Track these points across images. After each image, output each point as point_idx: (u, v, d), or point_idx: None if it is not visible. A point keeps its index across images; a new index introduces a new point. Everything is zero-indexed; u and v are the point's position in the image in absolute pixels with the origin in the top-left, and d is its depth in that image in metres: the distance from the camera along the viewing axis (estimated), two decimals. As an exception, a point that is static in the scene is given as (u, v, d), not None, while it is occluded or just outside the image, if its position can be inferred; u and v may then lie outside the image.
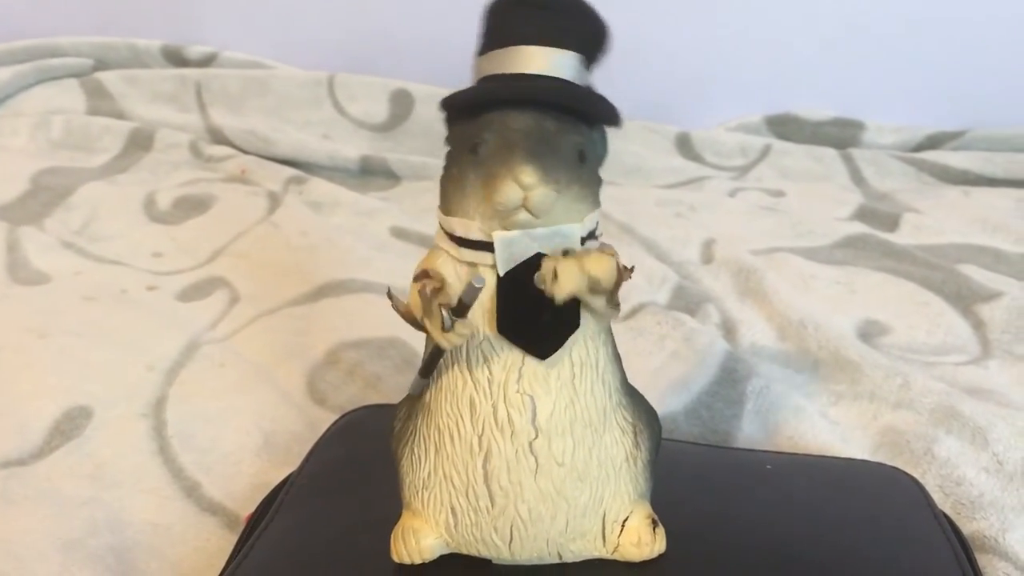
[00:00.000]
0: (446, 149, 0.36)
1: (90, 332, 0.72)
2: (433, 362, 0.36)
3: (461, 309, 0.33)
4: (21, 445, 0.60)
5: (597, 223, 0.36)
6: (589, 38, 0.36)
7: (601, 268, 0.33)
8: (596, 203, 0.36)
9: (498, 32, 0.36)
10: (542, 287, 0.33)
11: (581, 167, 0.34)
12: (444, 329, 0.33)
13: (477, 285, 0.33)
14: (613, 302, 0.35)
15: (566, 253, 0.34)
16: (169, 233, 0.92)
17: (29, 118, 1.15)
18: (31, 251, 0.86)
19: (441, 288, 0.34)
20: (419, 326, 0.34)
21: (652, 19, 1.18)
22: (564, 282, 0.33)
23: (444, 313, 0.33)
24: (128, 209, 0.96)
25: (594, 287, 0.34)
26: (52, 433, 0.61)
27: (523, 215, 0.33)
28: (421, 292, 0.34)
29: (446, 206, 0.35)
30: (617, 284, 0.34)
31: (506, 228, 0.34)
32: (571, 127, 0.34)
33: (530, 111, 0.34)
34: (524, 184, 0.32)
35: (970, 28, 1.18)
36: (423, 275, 0.35)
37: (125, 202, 0.98)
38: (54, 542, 0.51)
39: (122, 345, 0.70)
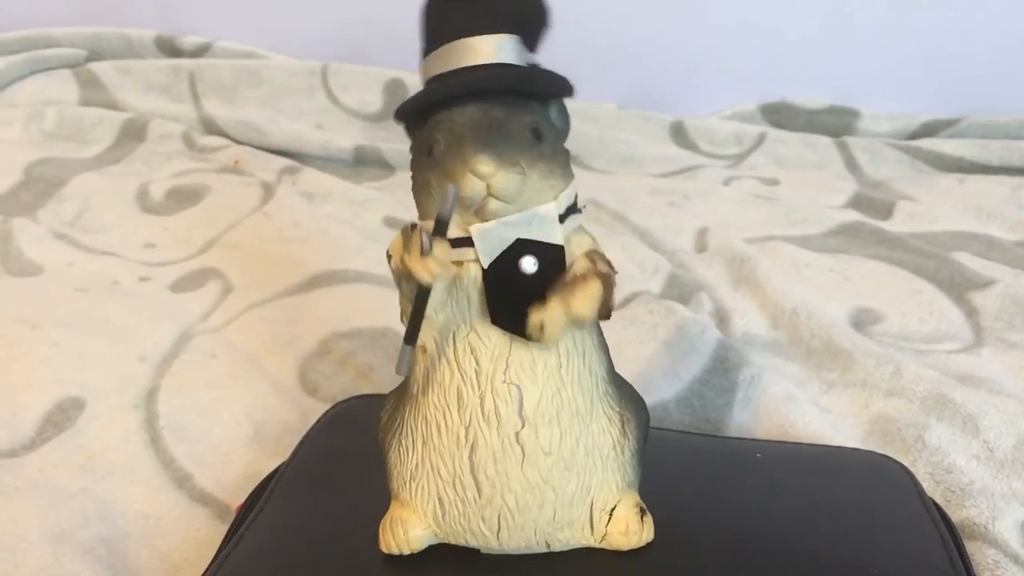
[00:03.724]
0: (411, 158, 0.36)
1: (82, 323, 0.72)
2: (415, 325, 0.35)
3: (440, 227, 0.33)
4: (12, 436, 0.60)
5: (576, 196, 0.36)
6: (523, 17, 0.36)
7: (587, 307, 0.33)
8: (567, 176, 0.36)
9: (434, 31, 0.36)
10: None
11: (539, 144, 0.34)
12: (423, 253, 0.32)
13: (450, 193, 0.32)
14: (604, 314, 0.35)
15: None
16: (162, 224, 0.91)
17: (22, 109, 1.15)
18: (24, 242, 0.86)
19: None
20: (404, 269, 0.34)
21: (646, 7, 1.18)
22: (551, 333, 0.33)
23: (423, 237, 0.33)
24: (121, 200, 0.96)
25: (581, 324, 0.34)
26: (44, 424, 0.61)
27: (493, 204, 0.33)
28: (403, 229, 0.34)
29: (421, 212, 0.36)
30: (607, 301, 0.34)
31: (482, 220, 0.34)
32: (520, 108, 0.34)
33: (475, 102, 0.34)
34: (482, 174, 0.32)
35: (965, 15, 1.17)
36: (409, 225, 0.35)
37: (118, 193, 0.97)
38: (45, 533, 0.51)
39: (114, 336, 0.70)
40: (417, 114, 0.36)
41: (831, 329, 0.72)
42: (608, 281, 0.34)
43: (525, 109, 0.34)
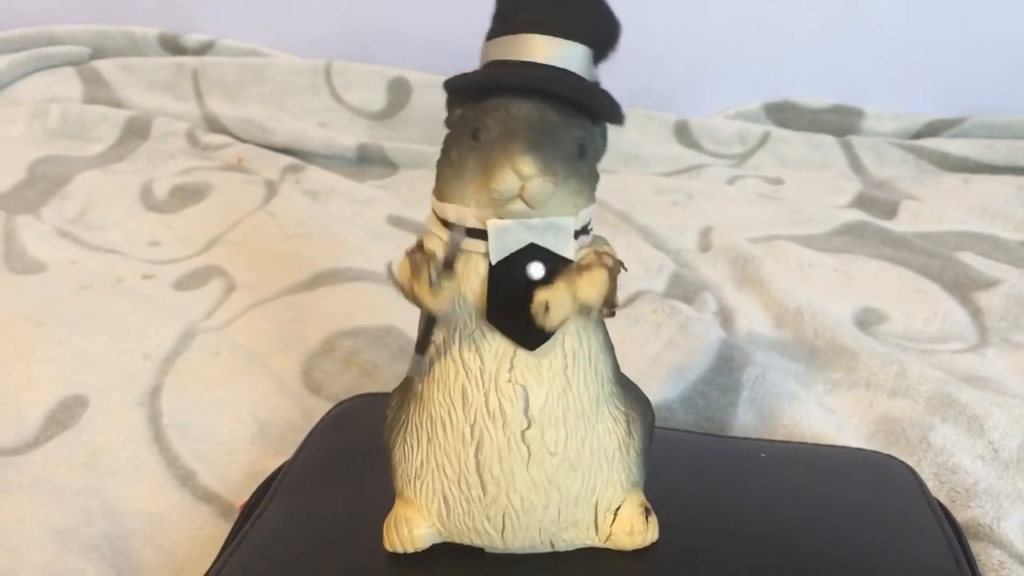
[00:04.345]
0: (445, 132, 0.36)
1: (86, 321, 0.72)
2: (427, 337, 0.35)
3: (447, 263, 0.33)
4: (16, 434, 0.60)
5: (590, 219, 0.36)
6: (599, 32, 0.35)
7: (593, 292, 0.33)
8: (592, 198, 0.35)
9: (508, 17, 0.35)
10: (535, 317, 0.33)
11: (580, 161, 0.34)
12: (431, 285, 0.33)
13: (458, 237, 0.33)
14: (608, 309, 0.35)
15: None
16: (165, 222, 0.91)
17: (26, 107, 1.15)
18: (28, 240, 0.86)
19: (432, 256, 0.34)
20: (412, 295, 0.34)
21: (650, 6, 1.17)
22: (555, 315, 0.33)
23: (432, 270, 0.33)
24: (125, 198, 0.96)
25: (586, 310, 0.34)
26: (47, 422, 0.61)
27: (519, 205, 0.33)
28: (410, 255, 0.34)
29: (441, 191, 0.35)
30: (611, 294, 0.34)
31: (501, 217, 0.33)
32: (574, 120, 0.34)
33: (534, 100, 0.33)
34: (523, 174, 0.32)
35: (970, 14, 1.17)
36: (415, 247, 0.35)
37: (122, 191, 0.97)
38: (49, 531, 0.51)
39: (118, 334, 0.70)
40: (472, 92, 0.35)
41: (835, 329, 0.71)
42: (613, 275, 0.34)
43: (578, 123, 0.34)
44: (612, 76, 0.37)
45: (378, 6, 1.21)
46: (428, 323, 0.35)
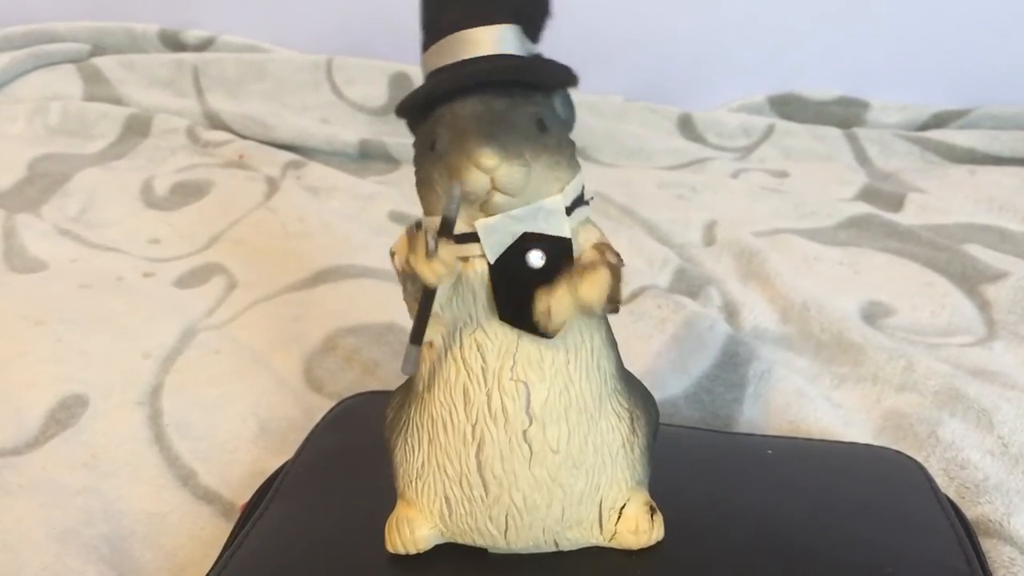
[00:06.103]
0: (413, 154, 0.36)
1: (86, 319, 0.71)
2: (421, 325, 0.34)
3: (445, 228, 0.33)
4: (16, 434, 0.59)
5: (583, 187, 0.35)
6: (524, 7, 0.35)
7: (595, 294, 0.33)
8: (573, 168, 0.35)
9: (433, 24, 0.35)
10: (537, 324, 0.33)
11: (544, 136, 0.34)
12: (428, 254, 0.32)
13: (455, 192, 0.32)
14: (612, 307, 0.34)
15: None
16: (166, 219, 0.91)
17: (26, 104, 1.15)
18: (28, 238, 0.86)
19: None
20: (411, 276, 0.33)
21: (653, -1, 1.17)
22: (558, 318, 0.33)
23: (428, 238, 0.32)
24: (125, 195, 0.96)
25: (588, 310, 0.33)
26: (47, 422, 0.60)
27: (498, 198, 0.32)
28: (408, 229, 0.33)
29: (425, 208, 0.35)
30: (615, 292, 0.34)
31: (488, 215, 0.33)
32: (523, 99, 0.34)
33: (476, 95, 0.33)
34: (486, 167, 0.32)
35: (977, 5, 1.16)
36: (413, 225, 0.35)
37: (122, 188, 0.97)
38: (49, 532, 0.51)
39: (118, 333, 0.70)
40: (419, 109, 0.35)
41: (842, 323, 0.71)
42: (616, 272, 0.34)
43: (528, 100, 0.34)
44: (615, 69, 0.37)
45: (379, 1, 1.21)
46: (422, 312, 0.34)
